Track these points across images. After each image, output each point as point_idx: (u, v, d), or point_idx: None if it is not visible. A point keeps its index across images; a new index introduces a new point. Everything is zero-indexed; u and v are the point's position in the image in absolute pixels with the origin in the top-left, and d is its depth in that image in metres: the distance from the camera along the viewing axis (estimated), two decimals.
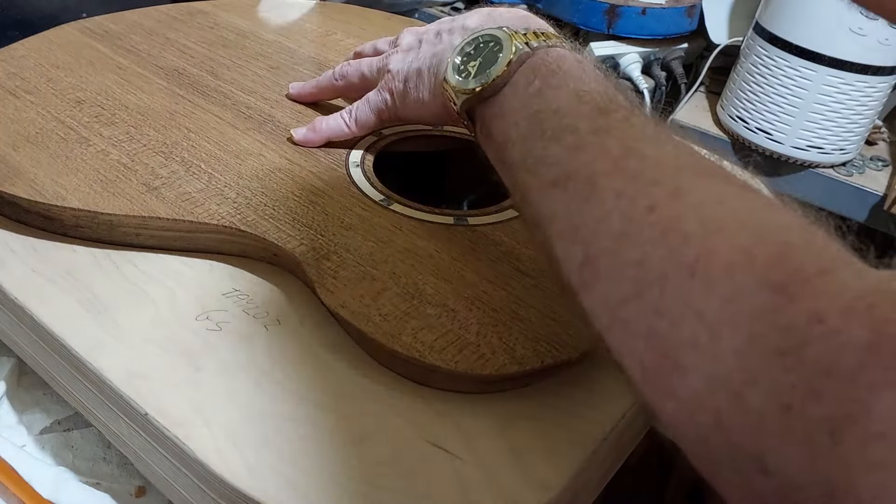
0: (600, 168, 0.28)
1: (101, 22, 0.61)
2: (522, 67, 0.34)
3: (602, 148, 0.29)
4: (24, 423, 0.41)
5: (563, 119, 0.31)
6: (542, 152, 0.31)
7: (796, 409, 0.19)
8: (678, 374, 0.23)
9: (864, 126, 0.77)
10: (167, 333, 0.36)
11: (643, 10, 0.85)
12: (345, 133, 0.48)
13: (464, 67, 0.36)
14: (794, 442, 0.19)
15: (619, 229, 0.26)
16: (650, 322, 0.24)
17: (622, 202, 0.26)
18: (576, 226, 0.28)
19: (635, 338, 0.24)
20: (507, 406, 0.34)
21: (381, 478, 0.30)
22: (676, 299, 0.23)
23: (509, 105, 0.34)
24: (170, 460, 0.33)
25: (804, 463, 0.19)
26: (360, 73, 0.49)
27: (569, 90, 0.32)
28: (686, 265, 0.23)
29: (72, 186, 0.41)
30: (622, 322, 0.25)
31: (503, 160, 0.34)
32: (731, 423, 0.21)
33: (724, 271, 0.23)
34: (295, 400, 0.33)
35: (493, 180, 0.36)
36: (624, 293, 0.25)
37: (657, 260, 0.24)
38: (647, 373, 0.24)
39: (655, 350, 0.24)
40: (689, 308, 0.23)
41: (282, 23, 0.67)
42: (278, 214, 0.41)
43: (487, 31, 0.37)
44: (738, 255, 0.23)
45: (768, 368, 0.20)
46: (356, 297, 0.36)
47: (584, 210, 0.28)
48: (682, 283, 0.23)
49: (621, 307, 0.25)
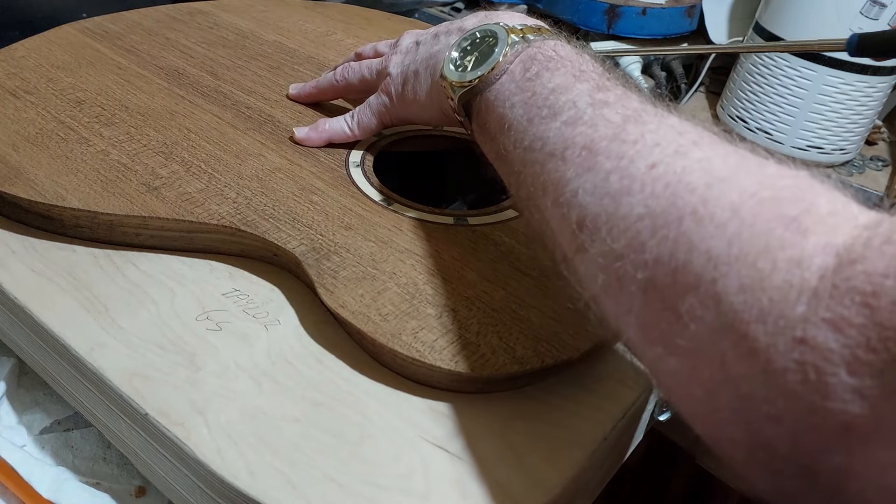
0: (600, 135, 0.28)
1: (100, 22, 0.61)
2: (519, 57, 0.34)
3: (602, 118, 0.28)
4: (24, 423, 0.41)
5: (560, 96, 0.31)
6: (539, 129, 0.30)
7: (810, 342, 0.19)
8: (679, 324, 0.22)
9: (864, 126, 0.77)
10: (167, 333, 0.36)
11: (643, 10, 0.85)
12: (346, 136, 0.48)
13: (461, 62, 0.37)
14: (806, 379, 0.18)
15: (618, 187, 0.25)
16: (649, 273, 0.23)
17: (622, 162, 0.26)
18: (573, 190, 0.27)
19: (632, 293, 0.24)
20: (507, 406, 0.34)
21: (381, 478, 0.30)
22: (680, 244, 0.22)
23: (506, 92, 0.34)
24: (170, 460, 0.33)
25: (818, 401, 0.18)
26: (360, 75, 0.49)
27: (566, 71, 0.32)
28: (690, 211, 0.23)
29: (72, 186, 0.41)
30: (618, 280, 0.24)
31: (499, 148, 0.34)
32: (737, 369, 0.20)
33: (730, 211, 0.22)
34: (295, 400, 0.33)
35: (492, 180, 0.36)
36: (621, 249, 0.24)
37: (659, 211, 0.24)
38: (644, 329, 0.23)
39: (655, 302, 0.23)
40: (694, 250, 0.22)
41: (282, 23, 0.67)
42: (278, 214, 0.41)
43: (484, 27, 0.37)
44: (746, 196, 0.22)
45: (780, 301, 0.19)
46: (356, 297, 0.36)
47: (582, 175, 0.27)
48: (687, 229, 0.22)
49: (616, 263, 0.24)
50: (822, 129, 0.76)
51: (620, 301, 0.24)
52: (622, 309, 0.24)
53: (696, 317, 0.21)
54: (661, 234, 0.23)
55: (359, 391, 0.34)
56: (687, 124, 0.27)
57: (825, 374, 0.18)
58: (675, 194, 0.23)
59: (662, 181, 0.24)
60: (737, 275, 0.21)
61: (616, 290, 0.25)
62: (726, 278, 0.21)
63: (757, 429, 0.20)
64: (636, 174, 0.25)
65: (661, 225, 0.23)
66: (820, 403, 0.18)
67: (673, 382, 0.23)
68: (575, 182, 0.27)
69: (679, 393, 0.23)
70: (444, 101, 0.39)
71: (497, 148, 0.34)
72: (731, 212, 0.22)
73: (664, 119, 0.28)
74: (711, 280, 0.21)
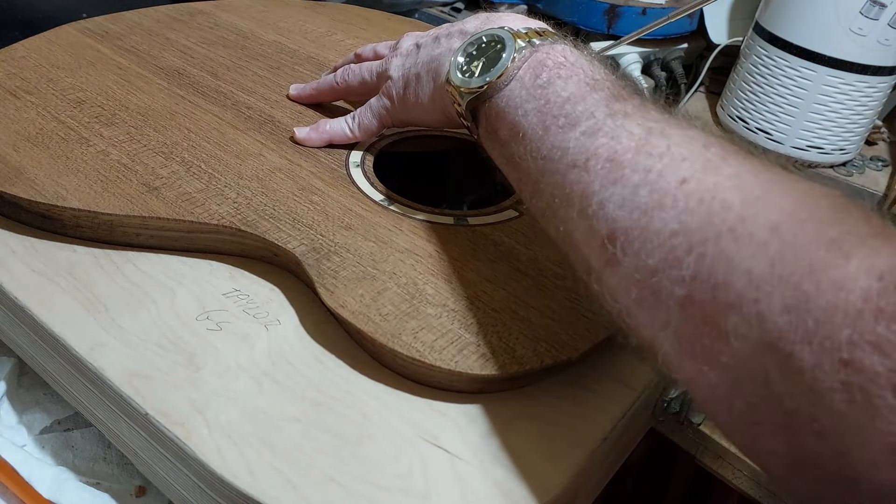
0: (623, 147, 0.27)
1: (100, 22, 0.61)
2: (528, 62, 0.34)
3: (623, 130, 0.28)
4: (24, 423, 0.41)
5: (576, 106, 0.30)
6: (556, 139, 0.30)
7: (856, 365, 0.19)
8: (720, 340, 0.22)
9: (864, 126, 0.77)
10: (167, 333, 0.36)
11: (643, 10, 0.85)
12: (347, 137, 0.48)
13: (467, 67, 0.36)
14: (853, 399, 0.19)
15: (648, 201, 0.25)
16: (687, 289, 0.23)
17: (651, 176, 0.26)
18: (599, 203, 0.27)
19: (669, 308, 0.23)
20: (507, 406, 0.34)
21: (381, 478, 0.30)
22: (719, 262, 0.22)
23: (517, 99, 0.33)
24: (170, 460, 0.33)
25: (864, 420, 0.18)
26: (360, 77, 0.49)
27: (579, 79, 0.32)
28: (728, 229, 0.23)
29: (72, 186, 0.41)
30: (653, 294, 0.24)
31: (511, 155, 0.33)
32: (781, 386, 0.20)
33: (770, 231, 0.22)
34: (295, 400, 0.33)
35: (493, 180, 0.36)
36: (656, 264, 0.24)
37: (694, 227, 0.23)
38: (682, 344, 0.23)
39: (694, 317, 0.23)
40: (735, 269, 0.22)
41: (282, 23, 0.67)
42: (278, 214, 0.41)
43: (489, 31, 0.36)
44: (785, 217, 0.22)
45: (825, 324, 0.19)
46: (356, 297, 0.36)
47: (608, 187, 0.27)
48: (726, 247, 0.22)
49: (652, 278, 0.24)
50: (822, 129, 0.76)
51: (656, 316, 0.24)
52: (658, 323, 0.24)
53: (739, 334, 0.21)
54: (697, 251, 0.23)
55: (359, 391, 0.34)
56: (711, 137, 0.27)
57: (872, 396, 0.18)
58: (711, 212, 0.23)
59: (695, 197, 0.24)
60: (780, 296, 0.21)
61: (652, 304, 0.24)
62: (770, 298, 0.21)
63: (800, 443, 0.20)
64: (667, 189, 0.25)
65: (698, 242, 0.23)
66: (867, 423, 0.19)
67: (711, 395, 0.23)
68: (601, 194, 0.27)
69: (717, 406, 0.23)
70: (449, 106, 0.38)
71: (509, 154, 0.33)
72: (771, 231, 0.22)
73: (686, 131, 0.27)
74: (754, 299, 0.21)
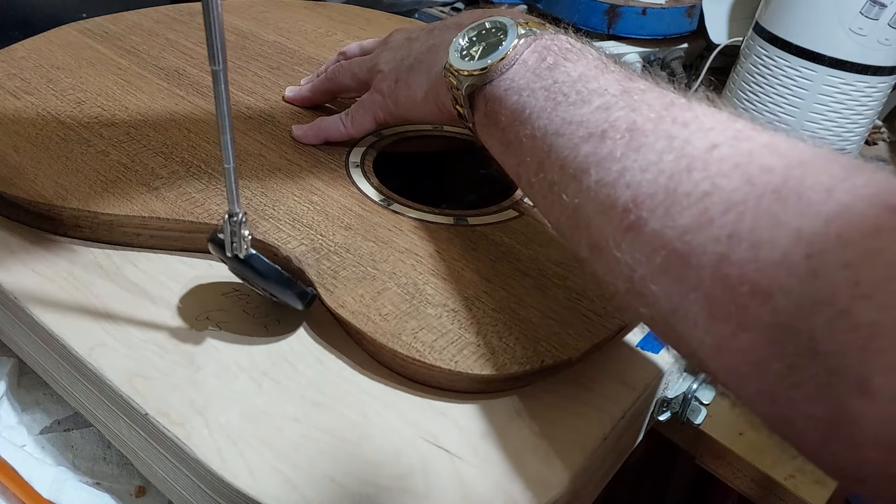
0: (643, 117, 0.27)
1: (100, 23, 0.61)
2: (531, 47, 0.33)
3: (641, 103, 0.27)
4: (24, 423, 0.41)
5: (588, 84, 0.30)
6: (569, 113, 0.29)
7: None
8: (759, 299, 0.21)
9: (864, 126, 0.77)
10: (167, 333, 0.36)
11: (643, 10, 0.85)
12: (342, 133, 0.48)
13: (467, 52, 0.36)
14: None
15: (676, 167, 0.25)
16: (724, 247, 0.22)
17: (676, 143, 0.25)
18: (620, 171, 0.26)
19: (701, 268, 0.23)
20: (507, 406, 0.34)
21: (381, 478, 0.30)
22: (762, 220, 0.22)
23: (521, 80, 0.33)
24: (170, 460, 0.33)
25: None
26: (350, 73, 0.49)
27: (588, 62, 0.31)
28: (772, 190, 0.22)
29: (72, 187, 0.41)
30: (683, 255, 0.23)
31: (511, 139, 0.33)
32: (830, 344, 0.20)
33: (825, 193, 0.21)
34: (295, 400, 0.33)
35: (493, 179, 0.36)
36: (686, 223, 0.23)
37: (730, 189, 0.23)
38: (713, 305, 0.23)
39: (729, 277, 0.22)
40: (781, 227, 0.21)
41: (282, 23, 0.67)
42: (278, 214, 0.41)
43: (491, 18, 0.36)
44: (837, 181, 0.21)
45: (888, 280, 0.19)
46: (356, 297, 0.36)
47: (630, 155, 0.26)
48: (770, 206, 0.22)
49: (685, 236, 0.23)
50: (822, 129, 0.76)
51: (685, 278, 0.24)
52: (686, 287, 0.24)
53: (785, 290, 0.21)
54: (736, 210, 0.22)
55: (359, 391, 0.34)
56: (736, 113, 0.26)
57: None
58: (748, 174, 0.23)
59: (729, 161, 0.24)
60: (839, 253, 0.20)
61: (680, 266, 0.24)
62: (825, 255, 0.20)
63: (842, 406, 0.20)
64: (695, 154, 0.24)
65: (737, 202, 0.23)
66: None
67: (742, 361, 0.22)
68: (622, 161, 0.26)
69: (749, 371, 0.22)
70: (444, 96, 0.38)
71: (508, 139, 0.33)
72: (826, 193, 0.21)
73: (709, 107, 0.27)
74: (806, 255, 0.20)
